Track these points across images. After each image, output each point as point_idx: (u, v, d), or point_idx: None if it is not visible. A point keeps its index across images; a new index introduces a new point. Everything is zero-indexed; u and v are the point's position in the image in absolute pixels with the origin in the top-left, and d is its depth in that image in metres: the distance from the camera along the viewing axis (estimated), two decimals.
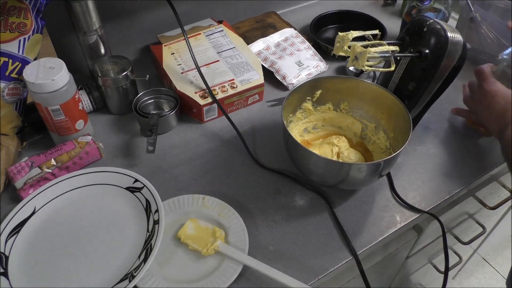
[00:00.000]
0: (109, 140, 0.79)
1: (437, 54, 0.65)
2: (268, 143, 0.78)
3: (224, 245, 0.61)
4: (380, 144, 0.74)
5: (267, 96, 0.88)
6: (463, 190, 0.73)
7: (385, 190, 0.71)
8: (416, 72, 0.69)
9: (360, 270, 0.61)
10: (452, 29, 0.66)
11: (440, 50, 0.65)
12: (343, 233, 0.64)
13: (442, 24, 0.66)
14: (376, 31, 0.65)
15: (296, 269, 0.60)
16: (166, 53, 0.87)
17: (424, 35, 0.67)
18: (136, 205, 0.66)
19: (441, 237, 0.67)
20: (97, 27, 0.79)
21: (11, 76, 0.70)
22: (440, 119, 0.84)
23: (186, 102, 0.81)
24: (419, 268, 1.08)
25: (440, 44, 0.65)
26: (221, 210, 0.66)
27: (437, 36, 0.65)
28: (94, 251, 0.61)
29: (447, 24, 0.67)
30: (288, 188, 0.71)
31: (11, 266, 0.59)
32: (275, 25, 1.02)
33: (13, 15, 0.69)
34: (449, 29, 0.66)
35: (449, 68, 0.67)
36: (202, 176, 0.73)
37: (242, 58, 0.87)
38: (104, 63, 0.80)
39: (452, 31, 0.66)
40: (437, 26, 0.66)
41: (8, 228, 0.63)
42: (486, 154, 0.78)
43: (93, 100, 0.81)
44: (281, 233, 0.65)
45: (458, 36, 0.66)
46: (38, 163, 0.69)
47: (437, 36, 0.65)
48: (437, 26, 0.66)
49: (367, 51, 0.60)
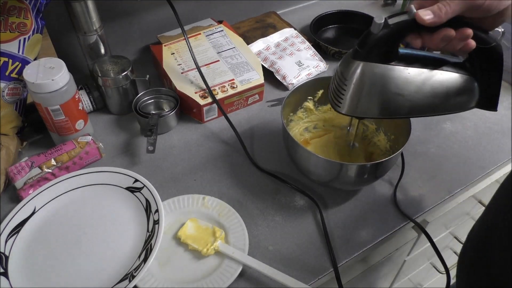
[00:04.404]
0: (109, 140, 0.79)
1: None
2: (268, 144, 0.78)
3: (224, 245, 0.61)
4: (381, 145, 0.74)
5: (267, 96, 0.88)
6: (463, 190, 0.73)
7: (385, 190, 0.71)
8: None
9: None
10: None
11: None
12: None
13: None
14: None
15: (296, 269, 0.60)
16: (166, 53, 0.87)
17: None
18: (136, 205, 0.66)
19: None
20: (97, 27, 0.79)
21: (11, 76, 0.70)
22: (440, 119, 0.84)
23: (186, 102, 0.81)
24: (419, 268, 1.08)
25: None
26: (221, 210, 0.66)
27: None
28: (94, 251, 0.61)
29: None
30: (288, 188, 0.71)
31: (11, 266, 0.59)
32: (275, 25, 1.02)
33: (13, 15, 0.69)
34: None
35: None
36: (202, 176, 0.73)
37: (242, 58, 0.87)
38: (104, 63, 0.80)
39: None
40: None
41: (8, 228, 0.63)
42: (486, 154, 0.78)
43: (93, 100, 0.81)
44: (281, 233, 0.65)
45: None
46: (38, 163, 0.69)
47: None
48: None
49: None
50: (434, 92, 0.54)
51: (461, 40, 0.49)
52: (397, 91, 0.53)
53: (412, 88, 0.54)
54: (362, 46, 0.51)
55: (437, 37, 0.48)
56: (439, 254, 0.64)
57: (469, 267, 0.60)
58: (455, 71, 0.54)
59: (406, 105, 0.55)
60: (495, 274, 0.54)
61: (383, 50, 0.51)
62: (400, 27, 0.49)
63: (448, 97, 0.55)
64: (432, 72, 0.53)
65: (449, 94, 0.55)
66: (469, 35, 0.48)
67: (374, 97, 0.54)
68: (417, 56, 0.54)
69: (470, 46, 0.50)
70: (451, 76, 0.54)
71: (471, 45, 0.50)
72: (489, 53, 0.52)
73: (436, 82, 0.54)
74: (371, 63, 0.52)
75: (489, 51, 0.52)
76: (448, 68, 0.54)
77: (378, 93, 0.54)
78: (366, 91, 0.53)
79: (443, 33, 0.48)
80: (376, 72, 0.52)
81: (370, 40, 0.50)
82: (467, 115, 0.85)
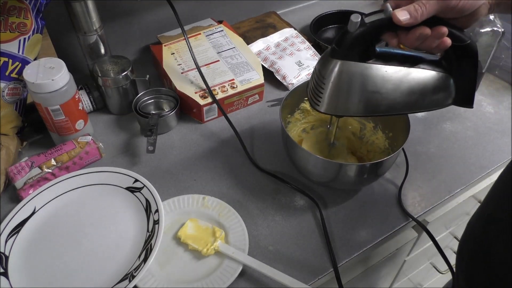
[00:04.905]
0: (109, 140, 0.79)
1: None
2: (268, 143, 0.78)
3: (224, 245, 0.61)
4: (379, 144, 0.74)
5: (267, 96, 0.88)
6: (463, 190, 0.73)
7: (385, 190, 0.71)
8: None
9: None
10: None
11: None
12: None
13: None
14: None
15: (296, 269, 0.60)
16: (166, 53, 0.87)
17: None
18: (136, 205, 0.66)
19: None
20: (97, 27, 0.79)
21: (11, 76, 0.70)
22: (440, 119, 0.84)
23: (186, 102, 0.81)
24: (419, 268, 1.08)
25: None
26: (221, 210, 0.66)
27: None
28: (94, 251, 0.61)
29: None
30: (288, 188, 0.71)
31: (11, 266, 0.59)
32: (275, 25, 1.02)
33: (13, 15, 0.69)
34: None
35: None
36: (202, 176, 0.73)
37: (242, 58, 0.87)
38: (104, 63, 0.80)
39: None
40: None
41: (8, 228, 0.63)
42: (486, 154, 0.78)
43: (93, 100, 0.81)
44: (281, 233, 0.65)
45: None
46: (38, 163, 0.69)
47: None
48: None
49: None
50: (411, 89, 0.55)
51: (437, 38, 0.49)
52: (374, 89, 0.54)
53: (390, 86, 0.54)
54: (339, 45, 0.52)
55: (413, 35, 0.49)
56: (441, 253, 0.64)
57: (468, 259, 0.60)
58: (431, 68, 0.55)
59: (384, 103, 0.55)
60: (494, 265, 0.54)
61: (360, 48, 0.51)
62: (377, 26, 0.50)
63: (425, 94, 0.56)
64: (409, 70, 0.54)
65: (425, 91, 0.56)
66: (444, 33, 0.49)
67: (352, 95, 0.54)
68: (394, 54, 0.54)
69: (446, 44, 0.50)
70: (427, 74, 0.55)
71: (446, 43, 0.50)
72: (464, 50, 0.52)
73: (413, 80, 0.54)
74: (349, 61, 0.52)
75: (464, 49, 0.52)
76: (425, 66, 0.55)
77: (356, 91, 0.54)
78: (344, 90, 0.54)
79: (418, 31, 0.48)
80: (354, 70, 0.53)
81: (347, 38, 0.50)
82: (467, 115, 0.85)
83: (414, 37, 0.49)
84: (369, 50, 0.52)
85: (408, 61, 0.54)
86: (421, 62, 0.55)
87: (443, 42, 0.50)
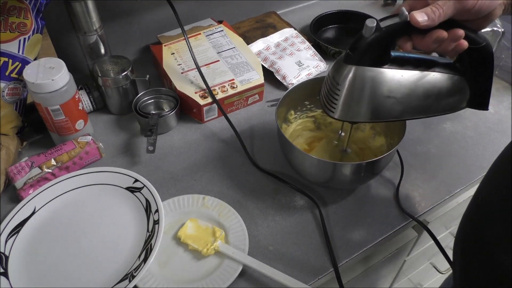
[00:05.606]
0: (109, 140, 0.79)
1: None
2: (268, 144, 0.78)
3: (224, 245, 0.61)
4: (377, 143, 0.74)
5: (267, 96, 0.88)
6: (463, 190, 0.73)
7: (385, 190, 0.71)
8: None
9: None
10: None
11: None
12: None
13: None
14: None
15: (296, 269, 0.60)
16: (166, 53, 0.87)
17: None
18: (136, 205, 0.66)
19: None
20: (97, 27, 0.79)
21: (11, 76, 0.70)
22: (440, 119, 0.84)
23: (186, 102, 0.81)
24: (419, 268, 1.08)
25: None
26: (221, 210, 0.66)
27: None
28: (94, 251, 0.61)
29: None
30: (288, 188, 0.71)
31: (11, 266, 0.59)
32: (275, 25, 1.02)
33: (13, 15, 0.69)
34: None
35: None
36: (202, 176, 0.73)
37: (242, 58, 0.87)
38: (104, 63, 0.80)
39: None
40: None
41: (8, 228, 0.63)
42: (486, 154, 0.78)
43: (93, 100, 0.81)
44: (281, 233, 0.65)
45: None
46: (38, 163, 0.69)
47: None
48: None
49: None
50: (427, 93, 0.54)
51: (453, 41, 0.49)
52: (390, 94, 0.53)
53: (405, 90, 0.54)
54: (354, 50, 0.51)
55: (430, 39, 0.48)
56: (442, 251, 0.64)
57: (463, 243, 0.59)
58: (446, 72, 0.54)
59: (398, 108, 0.55)
60: (489, 248, 0.53)
61: (376, 53, 0.51)
62: (392, 30, 0.49)
63: (440, 98, 0.55)
64: (423, 74, 0.54)
65: (441, 95, 0.55)
66: (461, 35, 0.48)
67: (367, 101, 0.54)
68: (409, 58, 0.54)
69: (462, 46, 0.50)
70: (442, 77, 0.54)
71: (463, 46, 0.50)
72: (479, 52, 0.52)
73: (428, 84, 0.54)
74: (364, 66, 0.52)
75: (479, 51, 0.52)
76: (439, 69, 0.54)
77: (371, 96, 0.53)
78: (358, 95, 0.53)
79: (435, 34, 0.48)
80: (369, 75, 0.52)
81: (362, 43, 0.50)
82: (467, 115, 0.85)
83: (431, 40, 0.48)
84: (384, 55, 0.52)
85: (423, 65, 0.54)
86: (436, 66, 0.54)
87: (460, 45, 0.49)
